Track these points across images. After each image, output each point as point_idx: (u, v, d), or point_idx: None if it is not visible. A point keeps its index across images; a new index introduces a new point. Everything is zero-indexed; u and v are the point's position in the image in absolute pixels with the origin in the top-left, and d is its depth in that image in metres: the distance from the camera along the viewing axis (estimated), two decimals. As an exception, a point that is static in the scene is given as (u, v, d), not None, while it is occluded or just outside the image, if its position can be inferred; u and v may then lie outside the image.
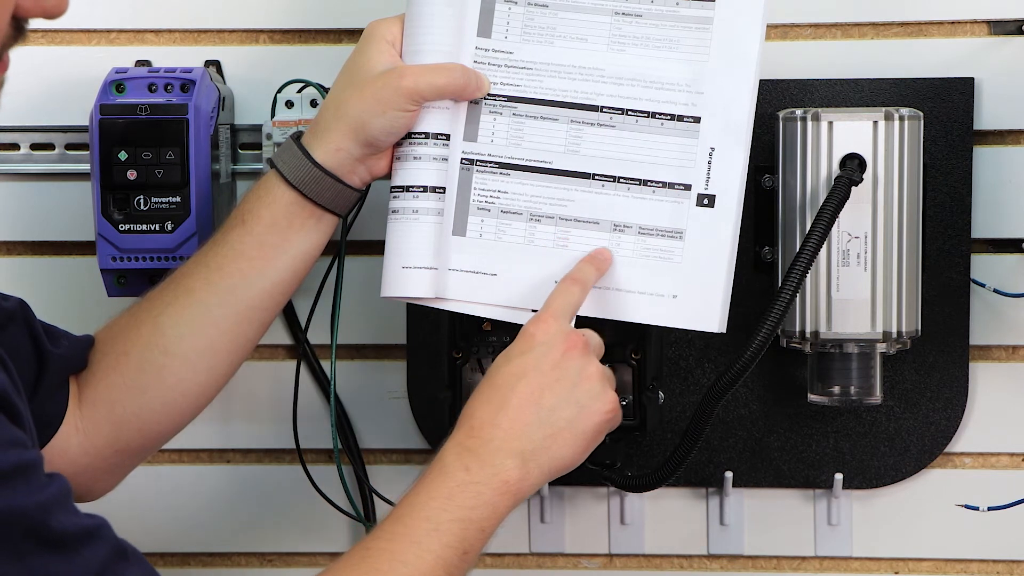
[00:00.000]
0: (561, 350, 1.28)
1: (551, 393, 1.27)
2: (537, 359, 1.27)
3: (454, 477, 1.23)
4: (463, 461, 1.24)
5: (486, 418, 1.25)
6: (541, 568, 1.70)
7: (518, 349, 1.28)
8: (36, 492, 1.05)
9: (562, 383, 1.27)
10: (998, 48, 1.59)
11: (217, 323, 1.38)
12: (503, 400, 1.26)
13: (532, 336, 1.29)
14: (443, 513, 1.22)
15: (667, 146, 1.36)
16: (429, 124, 1.38)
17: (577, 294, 1.33)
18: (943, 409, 1.62)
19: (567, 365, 1.27)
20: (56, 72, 1.65)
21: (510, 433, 1.25)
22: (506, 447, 1.24)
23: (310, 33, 1.65)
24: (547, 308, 1.31)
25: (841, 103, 1.59)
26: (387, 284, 1.39)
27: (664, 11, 1.37)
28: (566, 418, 1.27)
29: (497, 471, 1.24)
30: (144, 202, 1.54)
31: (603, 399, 1.29)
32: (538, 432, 1.26)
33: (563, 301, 1.32)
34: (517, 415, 1.25)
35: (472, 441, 1.25)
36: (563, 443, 1.27)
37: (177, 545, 1.72)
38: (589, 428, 1.28)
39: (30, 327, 1.35)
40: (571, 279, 1.34)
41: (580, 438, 1.28)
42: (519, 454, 1.25)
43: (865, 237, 1.49)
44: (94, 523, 1.09)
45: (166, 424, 1.41)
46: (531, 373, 1.27)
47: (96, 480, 1.42)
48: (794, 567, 1.68)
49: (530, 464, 1.25)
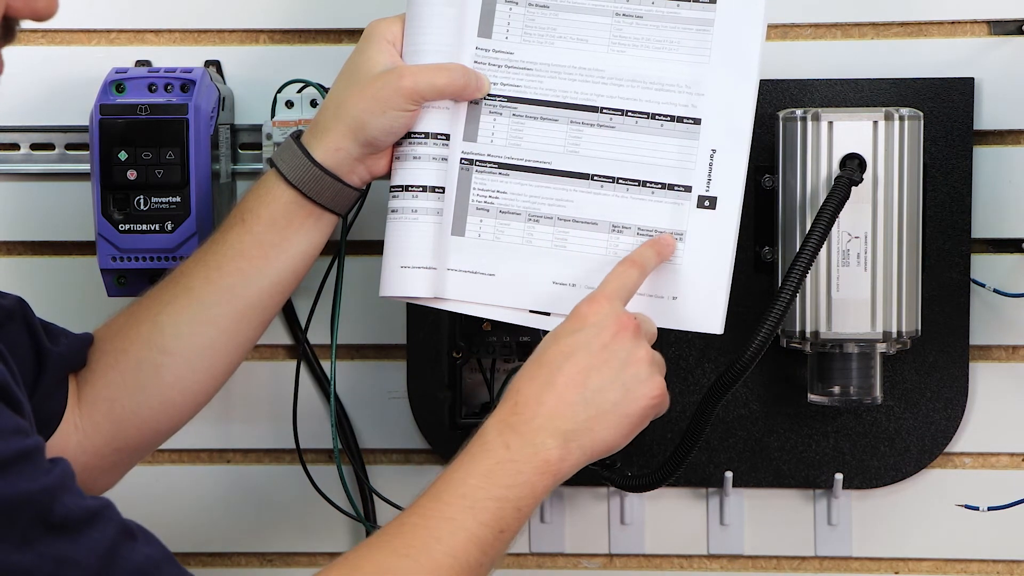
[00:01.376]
0: (612, 332, 1.26)
1: (598, 374, 1.25)
2: (587, 339, 1.26)
3: (494, 454, 1.22)
4: (504, 438, 1.23)
5: (531, 395, 1.24)
6: (541, 568, 1.70)
7: (568, 328, 1.27)
8: (40, 477, 1.05)
9: (610, 365, 1.25)
10: (998, 48, 1.59)
11: (216, 322, 1.38)
12: (549, 378, 1.25)
13: (584, 316, 1.27)
14: (480, 491, 1.21)
15: (667, 147, 1.36)
16: (429, 124, 1.38)
17: (635, 277, 1.31)
18: (943, 409, 1.62)
19: (616, 347, 1.26)
20: (56, 72, 1.65)
21: (554, 412, 1.24)
22: (549, 426, 1.23)
23: (310, 33, 1.65)
24: (602, 289, 1.29)
25: (841, 103, 1.59)
26: (386, 284, 1.39)
27: (665, 12, 1.37)
28: (611, 400, 1.25)
29: (538, 450, 1.23)
30: (144, 202, 1.54)
31: (650, 384, 1.27)
32: (582, 413, 1.24)
33: (619, 283, 1.30)
34: (562, 394, 1.24)
35: (515, 418, 1.23)
36: (606, 425, 1.25)
37: (177, 545, 1.71)
38: (634, 412, 1.27)
39: (29, 325, 1.35)
40: (630, 261, 1.32)
41: (624, 421, 1.26)
42: (562, 434, 1.23)
43: (865, 237, 1.49)
44: (99, 504, 1.09)
45: (165, 422, 1.41)
46: (579, 353, 1.25)
47: (95, 478, 1.41)
48: (794, 567, 1.68)
49: (571, 444, 1.24)
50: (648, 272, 1.33)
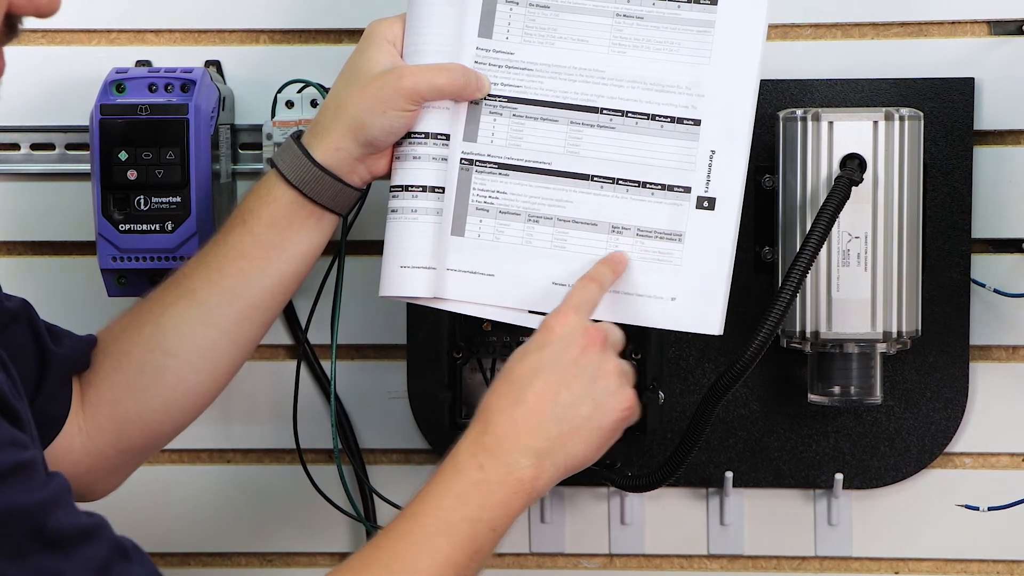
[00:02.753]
0: (580, 345, 1.27)
1: (568, 390, 1.25)
2: (555, 354, 1.26)
3: (468, 475, 1.22)
4: (477, 459, 1.23)
5: (502, 414, 1.24)
6: (541, 568, 1.70)
7: (536, 343, 1.27)
8: (36, 491, 1.05)
9: (579, 379, 1.26)
10: (998, 48, 1.59)
11: (218, 323, 1.38)
12: (519, 396, 1.25)
13: (551, 330, 1.27)
14: (454, 513, 1.21)
15: (667, 148, 1.36)
16: (429, 124, 1.38)
17: (596, 291, 1.32)
18: (943, 409, 1.62)
19: (585, 361, 1.26)
20: (56, 72, 1.65)
21: (525, 430, 1.24)
22: (521, 445, 1.23)
23: (310, 33, 1.65)
24: (567, 302, 1.30)
25: (841, 103, 1.59)
26: (385, 284, 1.39)
27: (666, 14, 1.37)
28: (583, 415, 1.26)
29: (511, 470, 1.23)
30: (144, 202, 1.54)
31: (620, 396, 1.28)
32: (554, 429, 1.25)
33: (582, 296, 1.31)
34: (533, 412, 1.24)
35: (487, 438, 1.24)
36: (579, 440, 1.26)
37: (177, 545, 1.72)
38: (605, 425, 1.27)
39: (33, 327, 1.35)
40: (589, 278, 1.33)
41: (596, 435, 1.27)
42: (534, 452, 1.24)
43: (865, 237, 1.49)
44: (93, 522, 1.09)
45: (168, 424, 1.41)
46: (549, 369, 1.26)
47: (99, 480, 1.42)
48: (794, 567, 1.68)
49: (545, 462, 1.24)
50: (607, 288, 1.33)
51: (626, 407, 1.28)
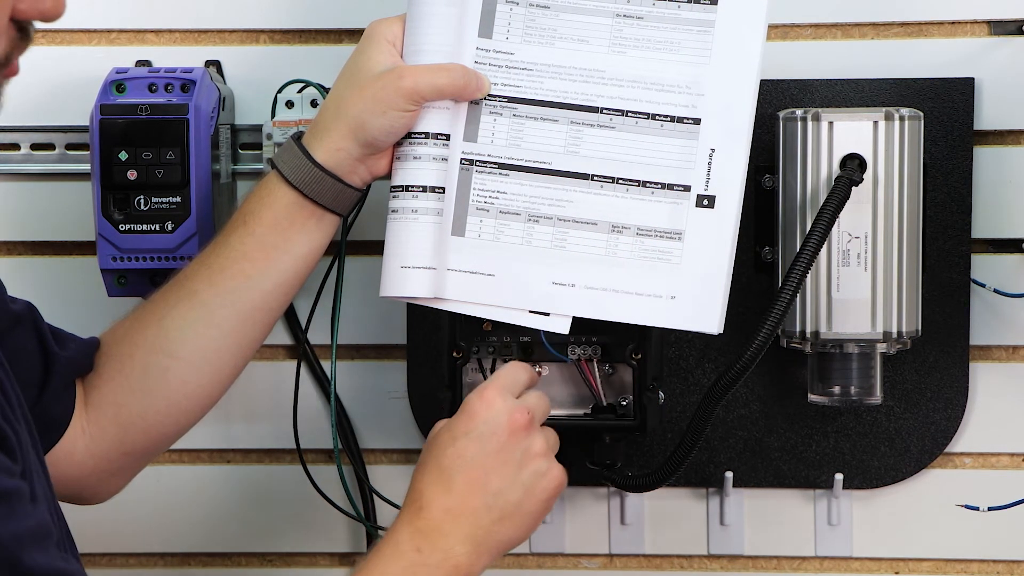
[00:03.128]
0: (506, 431, 1.27)
1: (497, 477, 1.26)
2: (481, 442, 1.27)
3: (406, 557, 1.24)
4: (415, 542, 1.24)
5: (433, 500, 1.25)
6: (541, 568, 1.70)
7: (462, 427, 1.27)
8: (15, 523, 1.04)
9: (507, 466, 1.27)
10: (998, 48, 1.59)
11: (220, 324, 1.38)
12: (449, 484, 1.26)
13: (476, 414, 1.28)
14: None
15: (666, 148, 1.36)
16: (429, 124, 1.38)
17: (524, 375, 1.32)
18: (943, 409, 1.62)
19: (512, 447, 1.27)
20: (56, 72, 1.65)
21: (459, 519, 1.25)
22: (457, 532, 1.25)
23: (310, 33, 1.65)
24: (493, 383, 1.30)
25: (841, 103, 1.59)
26: (386, 284, 1.39)
27: (666, 14, 1.37)
28: (513, 502, 1.27)
29: (448, 556, 1.24)
30: (144, 202, 1.54)
31: (549, 477, 1.29)
32: (486, 517, 1.26)
33: (510, 378, 1.31)
34: (465, 500, 1.25)
35: (422, 523, 1.25)
36: (512, 526, 1.27)
37: (177, 545, 1.72)
38: (537, 507, 1.28)
39: (37, 330, 1.35)
40: (520, 364, 1.34)
41: (528, 519, 1.28)
42: (470, 539, 1.25)
43: (865, 237, 1.49)
44: (69, 568, 1.08)
45: (171, 426, 1.41)
46: (477, 457, 1.26)
47: (102, 482, 1.42)
48: (794, 567, 1.68)
49: (480, 548, 1.26)
50: (533, 372, 1.34)
51: (556, 485, 1.29)
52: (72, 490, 1.39)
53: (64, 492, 1.37)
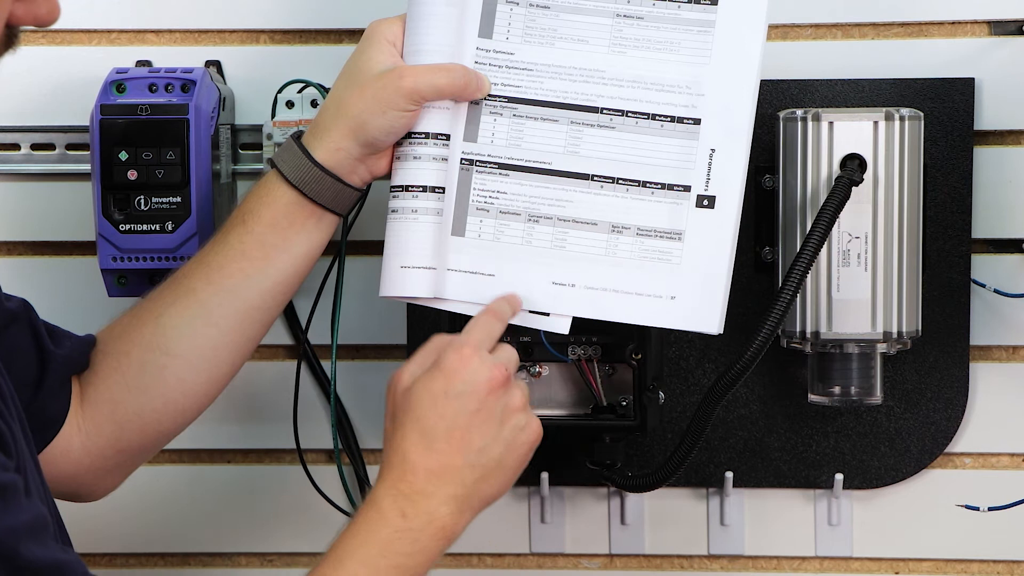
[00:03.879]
0: (485, 388, 1.26)
1: (479, 434, 1.26)
2: (462, 401, 1.26)
3: (391, 523, 1.23)
4: (399, 506, 1.23)
5: (418, 463, 1.24)
6: (541, 568, 1.70)
7: (441, 386, 1.26)
8: (10, 516, 1.04)
9: (489, 424, 1.26)
10: (998, 48, 1.59)
11: (218, 323, 1.38)
12: (431, 444, 1.25)
13: (455, 373, 1.26)
14: (381, 560, 1.22)
15: (666, 148, 1.36)
16: (429, 124, 1.38)
17: (498, 327, 1.32)
18: (943, 409, 1.62)
19: (492, 405, 1.26)
20: (56, 72, 1.65)
21: (443, 479, 1.24)
22: (441, 493, 1.24)
23: (310, 33, 1.65)
24: (467, 338, 1.29)
25: (841, 103, 1.59)
26: (386, 284, 1.39)
27: (666, 14, 1.37)
28: (495, 458, 1.26)
29: (432, 518, 1.24)
30: (145, 202, 1.54)
31: (528, 431, 1.28)
32: (469, 476, 1.25)
33: (484, 333, 1.30)
34: (448, 460, 1.25)
35: (406, 486, 1.24)
36: (493, 482, 1.27)
37: (177, 545, 1.72)
38: (517, 461, 1.28)
39: (33, 328, 1.35)
40: (491, 311, 1.33)
41: (509, 472, 1.28)
42: (453, 499, 1.25)
43: (865, 237, 1.49)
44: (66, 559, 1.09)
45: (168, 424, 1.41)
46: (459, 416, 1.25)
47: (99, 480, 1.42)
48: (794, 567, 1.68)
49: (463, 506, 1.25)
50: (507, 322, 1.33)
51: (534, 438, 1.29)
52: (68, 487, 1.39)
53: (60, 489, 1.37)
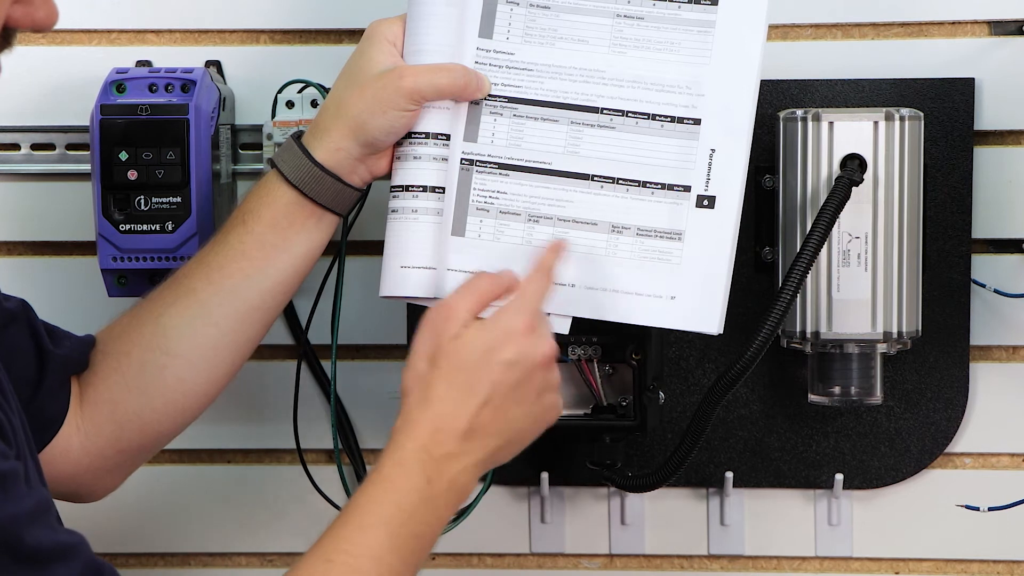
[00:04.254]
0: (538, 364, 1.25)
1: (516, 406, 1.25)
2: (514, 370, 1.24)
3: (416, 489, 1.21)
4: (426, 472, 1.21)
5: (452, 425, 1.22)
6: (541, 568, 1.70)
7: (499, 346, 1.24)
8: (12, 504, 1.04)
9: (529, 396, 1.25)
10: (998, 48, 1.59)
11: (218, 323, 1.38)
12: (470, 406, 1.23)
13: (511, 338, 1.24)
14: (403, 528, 1.20)
15: (666, 148, 1.36)
16: (429, 124, 1.38)
17: (547, 284, 1.29)
18: (943, 409, 1.62)
19: (538, 379, 1.25)
20: (56, 72, 1.65)
21: (473, 444, 1.23)
22: (466, 459, 1.23)
23: (310, 33, 1.65)
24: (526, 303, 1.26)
25: (841, 103, 1.59)
26: (386, 284, 1.39)
27: (666, 14, 1.37)
28: (519, 429, 1.26)
29: (454, 483, 1.22)
30: (145, 202, 1.54)
31: (555, 409, 1.28)
32: (494, 443, 1.24)
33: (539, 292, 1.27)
34: (484, 424, 1.23)
35: (436, 447, 1.22)
36: (507, 451, 1.26)
37: (177, 545, 1.72)
38: (535, 435, 1.28)
39: (32, 327, 1.35)
40: (545, 269, 1.29)
41: (522, 445, 1.27)
42: (476, 465, 1.24)
43: (865, 237, 1.49)
44: (71, 540, 1.08)
45: (168, 424, 1.41)
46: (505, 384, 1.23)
47: (98, 480, 1.42)
48: (794, 567, 1.68)
49: (480, 470, 1.24)
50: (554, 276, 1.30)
51: (555, 416, 1.28)
52: (67, 488, 1.39)
53: (59, 490, 1.37)
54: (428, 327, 1.27)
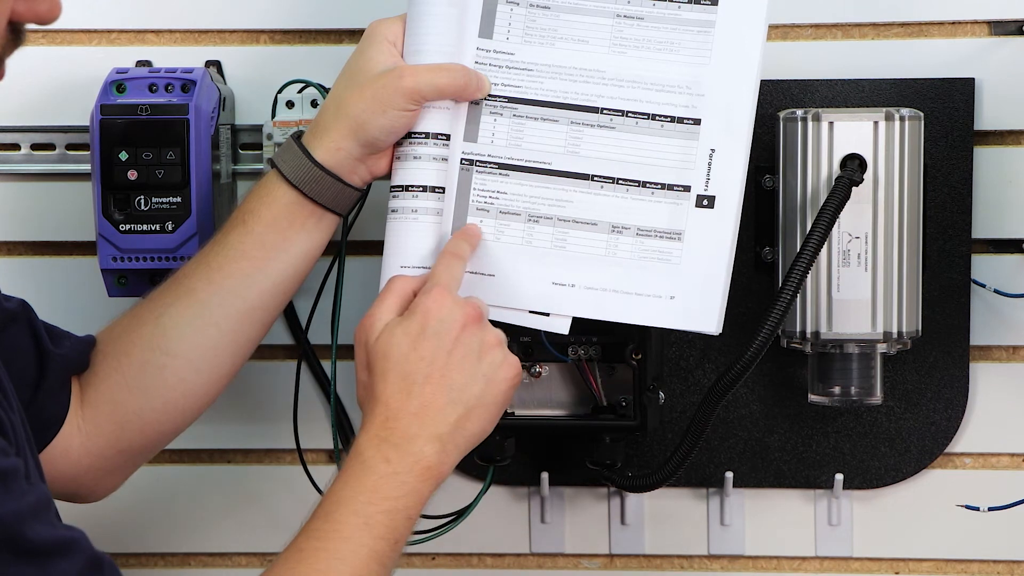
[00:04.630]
0: (460, 325, 1.27)
1: (458, 371, 1.26)
2: (439, 339, 1.26)
3: (376, 470, 1.23)
4: (383, 453, 1.24)
5: (399, 406, 1.25)
6: (541, 568, 1.70)
7: (416, 328, 1.26)
8: (12, 500, 1.04)
9: (467, 359, 1.26)
10: (998, 48, 1.59)
11: (219, 323, 1.38)
12: (412, 386, 1.25)
13: (428, 312, 1.27)
14: (370, 507, 1.22)
15: (666, 148, 1.36)
16: (429, 124, 1.38)
17: (460, 267, 1.32)
18: (943, 409, 1.62)
19: (468, 340, 1.27)
20: (56, 72, 1.65)
21: (425, 420, 1.25)
22: (423, 434, 1.24)
23: (311, 33, 1.65)
24: (437, 282, 1.29)
25: (841, 103, 1.59)
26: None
27: (666, 14, 1.37)
28: (476, 394, 1.26)
29: (418, 459, 1.24)
30: (145, 202, 1.54)
31: (506, 366, 1.28)
32: (452, 414, 1.25)
33: (449, 274, 1.31)
34: (430, 400, 1.25)
35: (388, 432, 1.24)
36: (476, 419, 1.27)
37: (177, 545, 1.72)
38: (498, 397, 1.28)
39: (32, 328, 1.35)
40: (451, 254, 1.33)
41: (491, 409, 1.28)
42: (437, 438, 1.25)
43: (865, 237, 1.49)
44: (71, 535, 1.09)
45: (168, 424, 1.41)
46: (436, 354, 1.26)
47: (98, 480, 1.42)
48: (794, 567, 1.68)
49: (448, 446, 1.25)
50: (467, 261, 1.34)
51: (514, 374, 1.29)
52: (68, 488, 1.39)
53: (60, 490, 1.37)
54: (357, 341, 1.30)
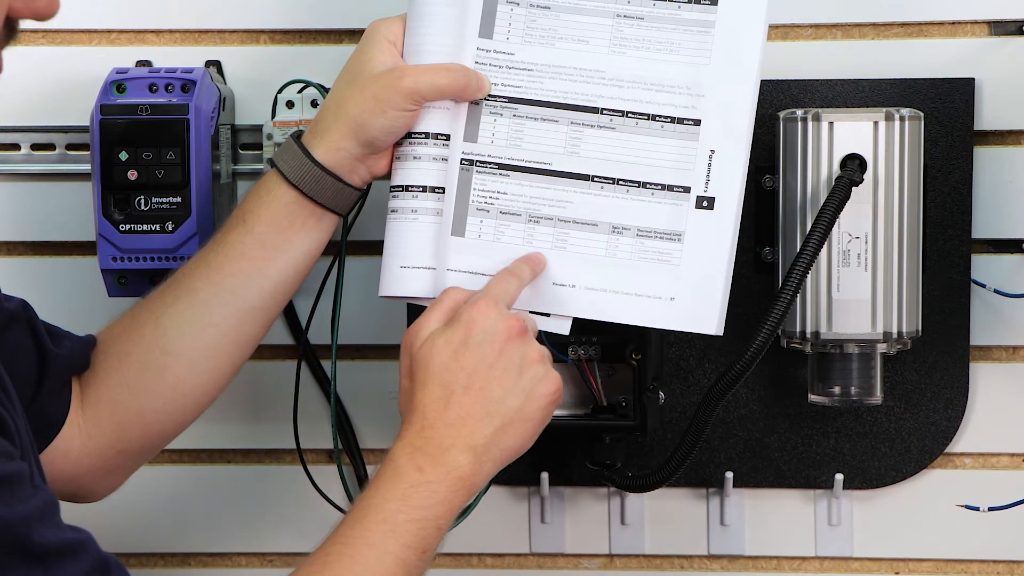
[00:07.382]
0: (503, 337, 1.27)
1: (498, 384, 1.26)
2: (481, 350, 1.26)
3: (408, 478, 1.23)
4: (416, 461, 1.23)
5: (436, 416, 1.25)
6: (541, 568, 1.70)
7: (459, 338, 1.26)
8: (19, 504, 1.04)
9: (508, 372, 1.26)
10: (998, 48, 1.59)
11: (219, 323, 1.38)
12: (451, 396, 1.25)
13: (473, 323, 1.27)
14: (399, 514, 1.22)
15: (666, 148, 1.36)
16: (429, 124, 1.38)
17: (515, 285, 1.32)
18: (943, 409, 1.62)
19: (510, 353, 1.27)
20: (56, 72, 1.65)
21: (461, 430, 1.24)
22: (459, 444, 1.24)
23: (311, 33, 1.65)
24: (487, 294, 1.30)
25: (841, 103, 1.59)
26: (385, 284, 1.39)
27: (666, 14, 1.36)
28: (514, 407, 1.26)
29: (450, 469, 1.24)
30: (145, 202, 1.54)
31: (547, 382, 1.28)
32: (488, 426, 1.25)
33: (502, 289, 1.31)
34: (468, 411, 1.25)
35: (423, 441, 1.24)
36: (513, 433, 1.26)
37: (177, 545, 1.72)
38: (537, 414, 1.28)
39: (32, 328, 1.35)
40: (509, 272, 1.33)
41: (529, 425, 1.27)
42: (471, 449, 1.24)
43: (865, 237, 1.49)
44: (77, 537, 1.09)
45: (168, 424, 1.41)
46: (477, 366, 1.26)
47: (99, 480, 1.42)
48: (794, 567, 1.68)
49: (483, 458, 1.25)
50: (525, 284, 1.34)
51: (554, 390, 1.28)
52: (68, 488, 1.39)
53: (60, 490, 1.36)
54: (403, 346, 1.30)
